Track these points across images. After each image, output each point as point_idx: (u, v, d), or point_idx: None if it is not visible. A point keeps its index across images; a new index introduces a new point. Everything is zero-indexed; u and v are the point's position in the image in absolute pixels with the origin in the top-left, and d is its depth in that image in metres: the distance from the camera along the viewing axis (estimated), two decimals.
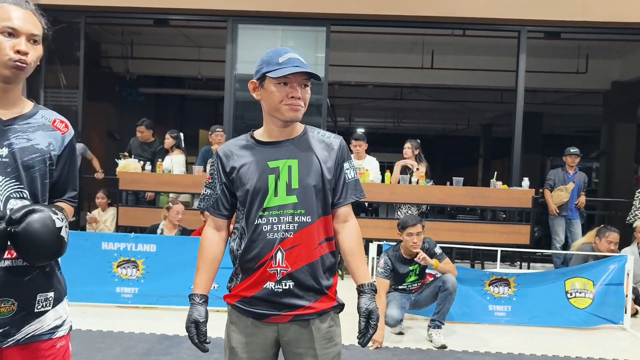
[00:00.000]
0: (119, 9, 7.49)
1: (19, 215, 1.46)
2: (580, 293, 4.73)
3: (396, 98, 13.29)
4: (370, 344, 3.95)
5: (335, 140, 1.88)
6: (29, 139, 1.60)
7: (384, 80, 11.38)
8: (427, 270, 4.49)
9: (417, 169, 6.37)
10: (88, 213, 6.90)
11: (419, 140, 6.56)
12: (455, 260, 6.63)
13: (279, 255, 1.76)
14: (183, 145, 7.09)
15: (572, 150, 6.85)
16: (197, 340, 1.78)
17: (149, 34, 10.25)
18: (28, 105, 1.64)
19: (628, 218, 6.57)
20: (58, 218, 1.50)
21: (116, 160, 6.94)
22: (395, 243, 4.47)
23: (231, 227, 1.94)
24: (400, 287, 4.39)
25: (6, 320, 1.52)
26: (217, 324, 4.34)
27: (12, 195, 1.55)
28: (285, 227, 1.77)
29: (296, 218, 1.77)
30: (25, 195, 1.58)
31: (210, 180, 1.92)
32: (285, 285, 1.77)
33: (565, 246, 6.70)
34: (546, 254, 7.27)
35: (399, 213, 6.51)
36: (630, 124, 10.59)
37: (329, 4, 7.14)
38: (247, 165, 1.82)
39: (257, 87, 1.82)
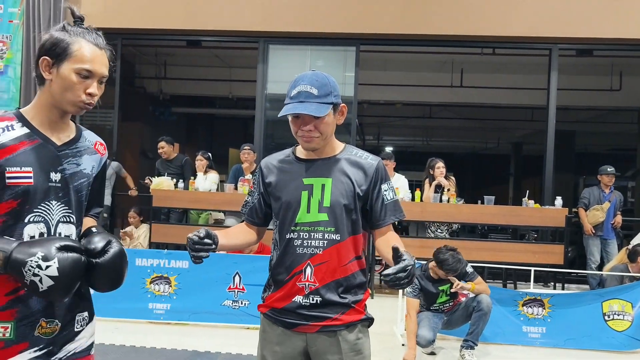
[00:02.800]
0: (153, 31, 7.69)
1: (100, 247, 1.52)
2: (618, 315, 4.61)
3: (425, 116, 13.26)
4: None
5: (373, 162, 1.90)
6: (78, 163, 1.64)
7: (413, 98, 11.38)
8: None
9: (449, 190, 6.33)
10: (122, 230, 7.04)
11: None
12: (487, 280, 6.52)
13: (309, 270, 1.82)
14: (213, 164, 7.20)
15: (608, 170, 6.72)
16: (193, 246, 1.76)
17: (181, 54, 10.49)
18: (73, 128, 1.67)
19: None
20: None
21: (141, 182, 7.12)
22: (424, 262, 4.43)
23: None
24: (432, 307, 4.34)
25: (50, 340, 1.56)
26: (248, 342, 4.36)
27: (61, 220, 1.58)
28: (315, 243, 1.82)
29: (326, 235, 1.82)
30: (72, 220, 1.61)
31: (252, 189, 2.02)
32: (313, 300, 1.82)
33: (601, 267, 6.54)
34: (581, 275, 7.11)
35: (429, 232, 6.46)
36: None
37: (359, 24, 7.21)
38: (283, 179, 1.89)
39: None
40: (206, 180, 6.84)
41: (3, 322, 1.49)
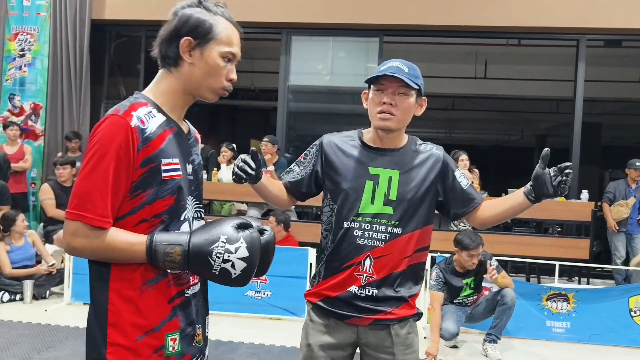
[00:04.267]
0: None
1: (257, 226, 1.36)
2: None
3: (448, 108, 13.11)
4: (424, 356, 3.91)
5: (438, 152, 1.89)
6: (198, 154, 1.50)
7: (436, 90, 11.25)
8: (483, 284, 4.40)
9: (472, 182, 6.27)
10: None
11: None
12: (510, 274, 6.46)
13: (368, 262, 1.79)
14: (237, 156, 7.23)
15: (637, 164, 6.55)
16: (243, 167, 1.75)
17: None
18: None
19: None
20: None
21: None
22: (448, 256, 4.41)
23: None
24: (455, 300, 4.32)
25: (201, 348, 1.44)
26: (270, 333, 4.40)
27: (194, 216, 1.43)
28: (377, 235, 1.78)
29: (389, 229, 1.79)
30: (201, 215, 1.47)
31: (302, 160, 1.95)
32: (369, 291, 1.79)
33: (627, 262, 6.43)
34: (606, 270, 7.00)
35: (452, 225, 6.41)
36: None
37: (383, 15, 7.15)
38: (347, 163, 1.84)
39: (367, 97, 1.87)
40: (230, 172, 6.88)
41: (172, 334, 1.34)
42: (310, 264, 4.76)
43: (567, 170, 1.63)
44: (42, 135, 7.48)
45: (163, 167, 1.32)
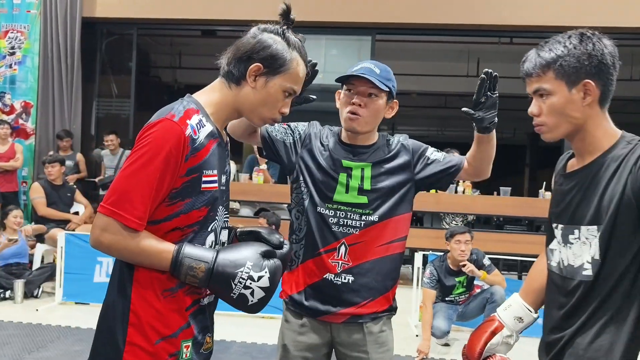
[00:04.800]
0: (169, 20, 7.69)
1: (278, 242, 1.38)
2: None
3: (440, 106, 13.16)
4: (415, 354, 3.93)
5: (404, 141, 1.92)
6: (230, 163, 1.50)
7: (428, 88, 11.30)
8: (475, 282, 4.42)
9: (464, 181, 6.29)
10: None
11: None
12: (502, 272, 6.49)
13: (343, 249, 1.81)
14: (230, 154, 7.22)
15: None
16: None
17: (196, 44, 10.48)
18: None
19: None
20: None
21: None
22: (442, 254, 4.43)
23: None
24: (447, 298, 4.34)
25: (207, 355, 1.46)
26: (263, 331, 4.39)
27: (223, 226, 1.44)
28: (352, 223, 1.81)
29: (364, 217, 1.81)
30: (227, 224, 1.48)
31: (285, 129, 1.94)
32: (345, 278, 1.80)
33: None
34: None
35: (444, 223, 6.44)
36: None
37: (375, 14, 7.15)
38: (324, 154, 1.87)
39: (339, 97, 1.89)
40: None
41: (187, 341, 1.35)
42: None
43: (491, 83, 1.74)
44: (33, 133, 7.43)
45: (203, 179, 1.32)
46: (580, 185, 1.43)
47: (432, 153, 1.91)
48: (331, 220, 1.81)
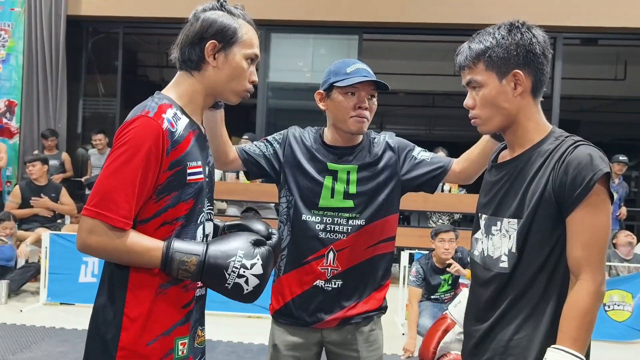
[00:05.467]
0: (156, 19, 7.64)
1: (266, 233, 1.39)
2: (618, 306, 4.61)
3: (428, 105, 13.20)
4: (401, 353, 3.94)
5: (390, 139, 1.90)
6: (211, 154, 1.49)
7: (416, 87, 11.33)
8: (460, 280, 4.44)
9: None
10: None
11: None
12: None
13: (331, 255, 1.79)
14: None
15: (620, 159, 6.55)
16: None
17: None
18: None
19: None
20: None
21: None
22: (427, 252, 4.44)
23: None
24: (432, 296, 4.35)
25: (202, 349, 1.46)
26: (249, 330, 4.39)
27: (206, 218, 1.43)
28: (339, 228, 1.79)
29: (350, 221, 1.80)
30: (211, 216, 1.47)
31: (263, 142, 1.90)
32: (335, 284, 1.80)
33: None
34: None
35: (430, 222, 6.46)
36: None
37: (362, 13, 7.16)
38: (307, 159, 1.84)
39: (323, 98, 1.83)
40: None
41: (182, 338, 1.35)
42: None
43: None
44: (17, 133, 7.35)
45: (188, 170, 1.32)
46: (507, 177, 1.45)
47: (419, 153, 1.89)
48: (318, 227, 1.79)
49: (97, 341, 1.32)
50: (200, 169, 1.35)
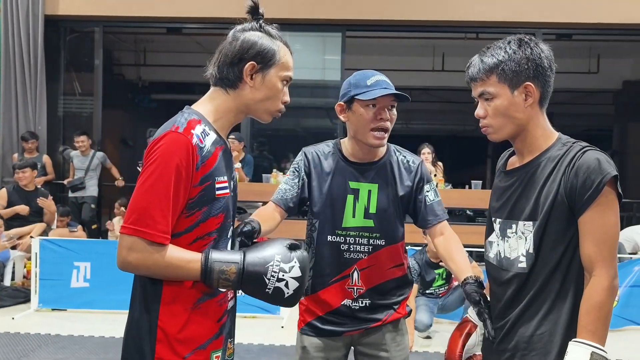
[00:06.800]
0: (133, 18, 7.55)
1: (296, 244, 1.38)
2: None
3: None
4: None
5: (414, 165, 1.92)
6: (234, 168, 1.50)
7: (394, 82, 11.32)
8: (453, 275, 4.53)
9: (435, 175, 6.41)
10: (109, 220, 6.98)
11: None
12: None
13: (355, 274, 1.85)
14: None
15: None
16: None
17: (161, 41, 10.32)
18: None
19: None
20: None
21: (138, 168, 6.99)
22: (421, 247, 4.51)
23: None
24: (427, 291, 4.43)
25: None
26: (242, 330, 4.39)
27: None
28: (361, 248, 1.84)
29: (371, 241, 1.84)
30: (230, 235, 1.46)
31: (289, 177, 1.92)
32: (362, 302, 1.86)
33: None
34: None
35: None
36: None
37: (345, 10, 7.19)
38: (329, 179, 1.86)
39: (344, 110, 1.85)
40: None
41: (217, 351, 1.37)
42: None
43: (484, 317, 1.54)
44: None
45: (217, 185, 1.34)
46: (519, 182, 1.53)
47: (428, 190, 1.90)
48: (342, 247, 1.84)
49: (132, 351, 1.34)
50: (227, 184, 1.38)
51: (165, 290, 1.32)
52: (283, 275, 1.30)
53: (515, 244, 1.51)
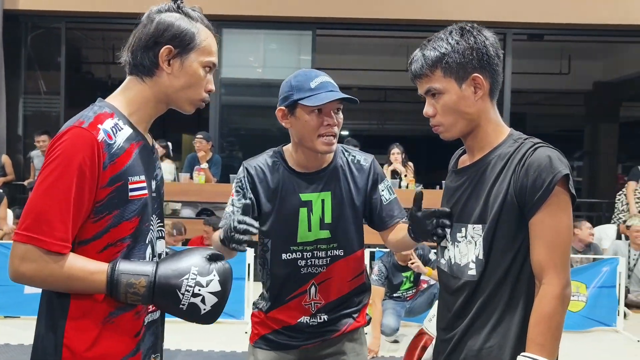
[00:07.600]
0: (100, 14, 7.34)
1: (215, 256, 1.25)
2: (573, 296, 4.72)
3: (380, 100, 13.29)
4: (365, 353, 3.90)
5: (365, 163, 1.79)
6: (160, 167, 1.39)
7: (369, 83, 11.37)
8: (422, 277, 4.45)
9: (406, 175, 6.34)
10: None
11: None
12: None
13: (313, 289, 1.73)
14: (171, 154, 6.98)
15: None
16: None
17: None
18: None
19: (613, 221, 6.58)
20: None
21: None
22: (388, 250, 4.42)
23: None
24: (395, 295, 4.34)
25: None
26: (208, 337, 4.25)
27: (157, 236, 1.33)
28: (318, 262, 1.72)
29: (329, 252, 1.72)
30: (163, 234, 1.37)
31: (235, 197, 1.74)
32: (320, 318, 1.75)
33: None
34: None
35: None
36: (612, 124, 10.71)
37: (315, 8, 7.09)
38: (278, 194, 1.71)
39: (286, 115, 1.68)
40: (162, 170, 6.64)
41: None
42: (249, 264, 4.66)
43: (442, 220, 1.43)
44: None
45: (130, 186, 1.21)
46: (469, 182, 1.42)
47: (383, 189, 1.79)
48: (300, 262, 1.71)
49: None
50: (144, 184, 1.24)
51: (72, 304, 1.18)
52: (199, 290, 1.17)
53: (465, 249, 1.39)
